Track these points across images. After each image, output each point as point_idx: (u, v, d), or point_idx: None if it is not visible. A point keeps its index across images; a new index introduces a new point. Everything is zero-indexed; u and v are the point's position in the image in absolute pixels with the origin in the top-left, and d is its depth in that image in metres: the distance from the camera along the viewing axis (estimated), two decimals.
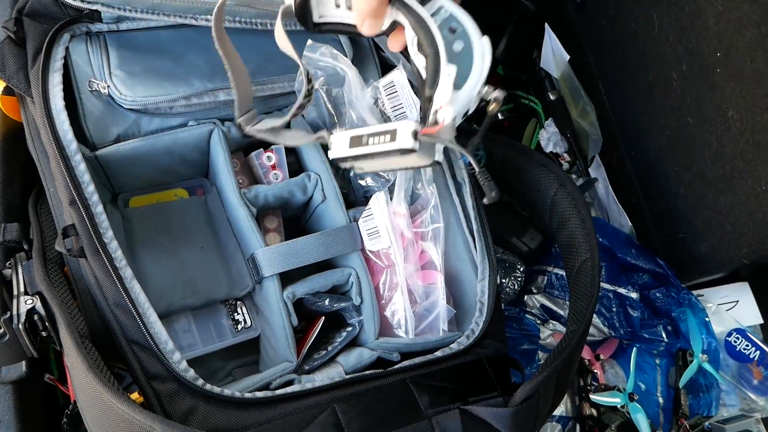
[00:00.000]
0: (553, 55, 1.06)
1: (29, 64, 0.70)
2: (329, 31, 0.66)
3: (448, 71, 0.56)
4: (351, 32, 0.64)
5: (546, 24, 1.06)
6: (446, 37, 0.59)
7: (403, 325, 0.74)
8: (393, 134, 0.55)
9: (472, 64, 0.57)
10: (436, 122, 0.55)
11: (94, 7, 0.70)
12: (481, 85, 0.57)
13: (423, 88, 0.58)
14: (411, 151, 0.55)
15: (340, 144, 0.60)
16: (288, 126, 0.66)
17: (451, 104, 0.55)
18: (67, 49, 0.71)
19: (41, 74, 0.68)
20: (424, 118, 0.57)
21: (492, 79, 1.10)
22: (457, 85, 0.56)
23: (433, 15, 0.59)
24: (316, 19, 0.64)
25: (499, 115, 1.10)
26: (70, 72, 0.71)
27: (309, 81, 0.63)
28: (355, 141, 0.58)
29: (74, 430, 0.72)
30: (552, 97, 1.11)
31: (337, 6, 0.62)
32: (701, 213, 0.82)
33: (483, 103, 0.59)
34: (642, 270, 0.98)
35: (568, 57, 1.03)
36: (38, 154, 0.72)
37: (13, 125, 0.77)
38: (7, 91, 0.72)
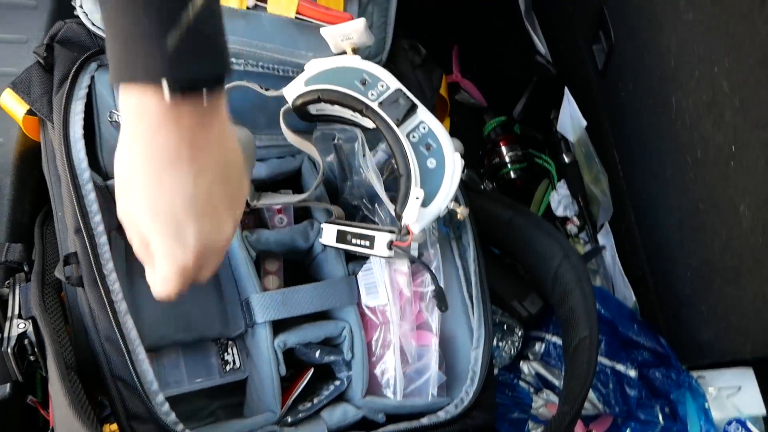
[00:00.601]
0: (571, 119, 1.06)
1: (54, 90, 0.71)
2: (326, 121, 0.74)
3: (416, 194, 0.65)
4: (347, 122, 0.72)
5: (566, 87, 1.06)
6: (421, 154, 0.67)
7: (392, 386, 0.73)
8: (372, 241, 0.67)
9: (442, 183, 0.66)
10: (407, 232, 0.66)
11: None
12: (448, 203, 0.66)
13: (394, 199, 0.67)
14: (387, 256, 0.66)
15: (329, 234, 0.72)
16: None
17: (418, 221, 0.65)
18: (92, 77, 0.72)
19: (64, 101, 0.69)
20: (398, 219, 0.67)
21: (507, 138, 1.10)
22: (425, 203, 0.65)
23: (412, 131, 0.68)
24: (314, 112, 0.73)
25: (512, 173, 1.10)
26: (93, 100, 0.72)
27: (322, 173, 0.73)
28: (341, 236, 0.71)
29: None
30: (566, 160, 1.10)
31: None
32: (707, 299, 0.81)
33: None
34: (643, 347, 0.97)
35: (585, 123, 1.03)
36: (51, 177, 0.72)
37: (31, 145, 0.78)
38: (30, 112, 0.74)
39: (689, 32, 0.68)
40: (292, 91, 0.71)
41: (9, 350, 0.64)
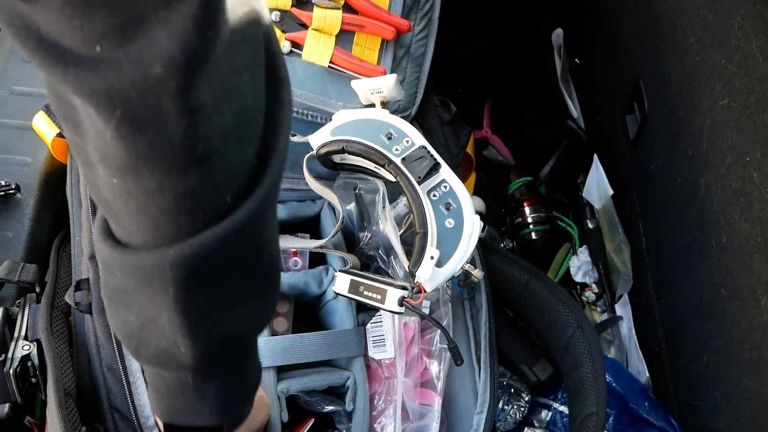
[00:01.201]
0: (597, 186, 1.05)
1: None
2: (349, 170, 0.75)
3: (431, 254, 0.65)
4: (369, 173, 0.73)
5: (595, 154, 1.05)
6: (440, 213, 0.67)
7: None
8: (383, 295, 0.66)
9: (459, 244, 0.65)
10: (420, 290, 0.65)
11: None
12: (463, 264, 0.66)
13: (409, 254, 0.68)
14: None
15: (342, 283, 0.71)
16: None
17: (431, 281, 0.65)
18: None
19: None
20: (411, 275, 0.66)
21: (531, 198, 1.09)
22: (440, 262, 0.65)
23: (433, 188, 0.68)
24: (337, 161, 0.73)
25: (533, 234, 1.09)
26: None
27: (341, 221, 0.74)
28: (354, 287, 0.70)
29: None
30: (590, 226, 1.09)
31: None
32: (722, 387, 0.78)
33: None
34: (652, 426, 0.93)
35: (611, 192, 1.01)
36: (73, 201, 0.74)
37: (58, 167, 0.80)
38: (60, 134, 0.75)
39: (723, 118, 0.67)
40: (317, 139, 0.71)
41: (11, 371, 0.64)
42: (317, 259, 0.82)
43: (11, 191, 0.77)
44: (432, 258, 0.65)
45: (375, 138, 0.70)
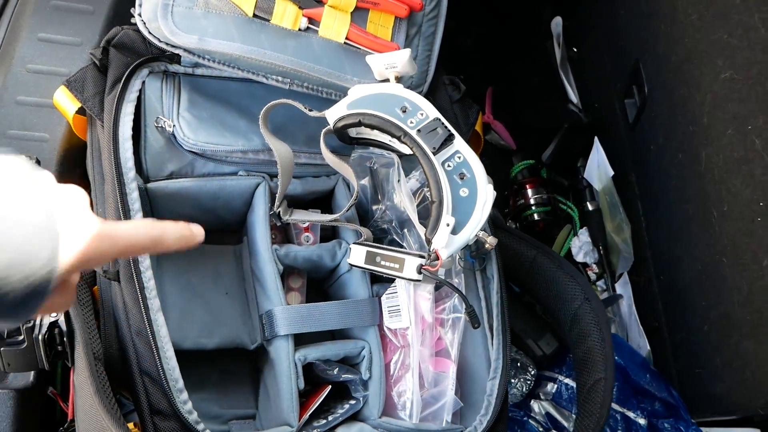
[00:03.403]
0: (598, 167, 1.08)
1: (107, 91, 0.74)
2: (364, 144, 0.77)
3: (447, 221, 0.66)
4: (384, 147, 0.75)
5: (596, 137, 1.09)
6: (454, 182, 0.69)
7: (408, 408, 0.73)
8: (401, 264, 0.69)
9: (473, 212, 0.67)
10: (437, 258, 0.67)
11: (177, 51, 0.74)
12: (477, 232, 0.68)
13: (424, 225, 0.69)
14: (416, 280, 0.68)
15: (357, 254, 0.73)
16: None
17: (447, 248, 0.66)
18: (143, 83, 0.75)
19: (116, 102, 0.72)
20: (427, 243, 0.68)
21: (533, 181, 1.12)
22: (455, 230, 0.67)
23: (447, 159, 0.70)
24: (353, 135, 0.75)
25: (535, 215, 1.12)
26: (141, 105, 0.74)
27: (356, 195, 0.74)
28: (370, 258, 0.72)
29: None
30: (590, 208, 1.12)
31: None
32: (722, 353, 0.81)
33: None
34: (654, 397, 0.97)
35: (612, 173, 1.05)
36: (95, 175, 0.75)
37: (77, 143, 0.81)
38: (81, 110, 0.76)
39: (725, 91, 0.70)
40: (334, 114, 0.73)
41: (40, 337, 0.65)
42: (329, 235, 0.84)
43: None
44: (448, 225, 0.67)
45: (390, 111, 0.72)
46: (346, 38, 0.77)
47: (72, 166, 0.81)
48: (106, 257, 0.44)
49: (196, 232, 0.49)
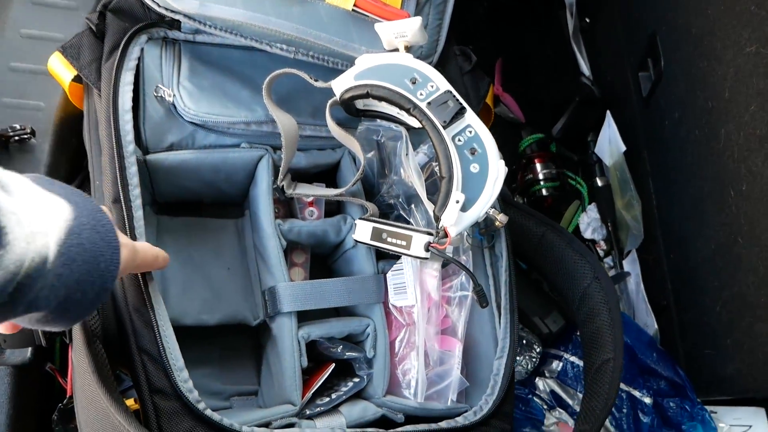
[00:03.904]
0: (609, 142, 1.06)
1: (104, 58, 0.71)
2: (371, 117, 0.74)
3: (456, 198, 0.64)
4: (392, 119, 0.72)
5: (608, 111, 1.06)
6: (465, 157, 0.67)
7: (413, 387, 0.72)
8: (409, 241, 0.67)
9: (484, 189, 0.65)
10: (445, 235, 0.65)
11: (177, 17, 0.71)
12: (487, 209, 0.66)
13: (432, 201, 0.67)
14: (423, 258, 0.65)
15: (362, 230, 0.71)
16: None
17: (456, 225, 0.64)
18: (142, 50, 0.72)
19: (115, 70, 0.69)
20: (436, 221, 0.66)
21: (542, 155, 1.10)
22: (465, 207, 0.65)
23: (458, 133, 0.67)
24: (360, 107, 0.73)
25: (543, 191, 1.10)
26: (139, 73, 0.72)
27: (362, 169, 0.73)
28: (376, 234, 0.70)
29: (64, 426, 0.71)
30: (600, 183, 1.10)
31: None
32: (733, 335, 0.80)
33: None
34: (660, 376, 0.96)
35: (624, 148, 1.02)
36: (92, 145, 0.72)
37: (73, 112, 0.78)
38: (77, 78, 0.74)
39: (750, 65, 0.67)
40: (340, 84, 0.71)
41: None
42: (333, 210, 0.82)
43: (26, 135, 0.76)
44: (457, 202, 0.64)
45: (399, 82, 0.69)
46: (354, 5, 0.74)
47: (68, 135, 0.79)
48: (132, 269, 0.58)
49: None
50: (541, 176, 1.09)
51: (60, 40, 0.77)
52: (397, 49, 0.74)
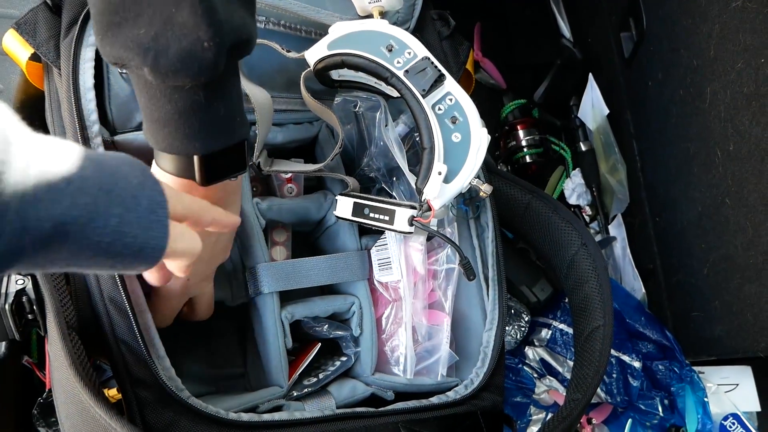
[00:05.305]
0: (592, 106, 1.04)
1: (62, 34, 0.67)
2: (348, 87, 0.72)
3: (438, 169, 0.63)
4: (370, 89, 0.70)
5: (590, 74, 1.04)
6: (446, 127, 0.65)
7: (401, 363, 0.71)
8: (392, 216, 0.65)
9: (466, 159, 0.63)
10: (428, 208, 0.63)
11: None
12: (471, 180, 0.64)
13: (414, 173, 0.66)
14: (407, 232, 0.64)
15: (344, 206, 0.69)
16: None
17: (439, 197, 0.63)
18: None
19: (74, 47, 0.65)
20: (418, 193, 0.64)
21: (525, 121, 1.08)
22: (447, 178, 0.63)
23: (438, 102, 0.65)
24: (336, 78, 0.71)
25: (527, 158, 1.08)
26: None
27: (341, 143, 0.70)
28: (358, 209, 0.67)
29: (44, 420, 0.69)
30: (583, 148, 1.08)
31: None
32: (722, 296, 0.79)
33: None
34: (648, 339, 0.96)
35: (607, 111, 1.00)
36: (55, 128, 0.69)
37: (34, 94, 0.74)
38: (34, 57, 0.70)
39: (736, 21, 0.65)
40: (314, 54, 0.68)
41: (6, 307, 0.61)
42: (313, 186, 0.80)
43: None
44: (440, 173, 0.63)
45: (375, 50, 0.66)
46: None
47: (30, 118, 0.74)
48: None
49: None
50: (524, 143, 1.07)
51: (14, 17, 0.73)
52: (371, 16, 0.71)
